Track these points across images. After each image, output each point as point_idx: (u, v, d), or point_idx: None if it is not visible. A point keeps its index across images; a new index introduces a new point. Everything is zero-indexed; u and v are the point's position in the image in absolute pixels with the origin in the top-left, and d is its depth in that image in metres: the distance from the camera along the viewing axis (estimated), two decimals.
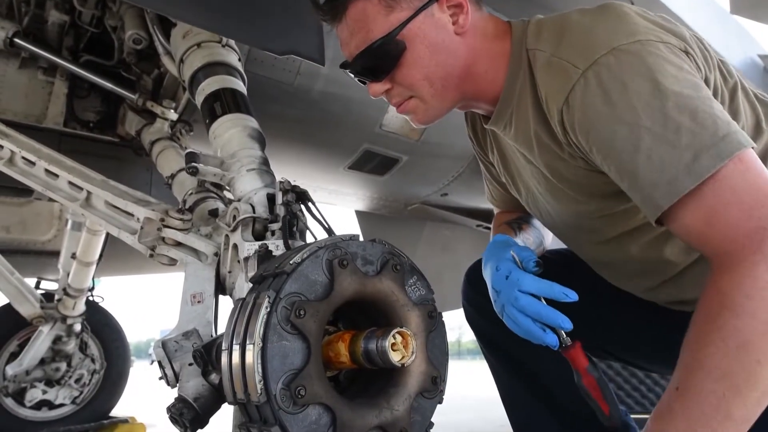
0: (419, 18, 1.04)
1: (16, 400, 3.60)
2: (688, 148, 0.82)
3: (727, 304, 0.75)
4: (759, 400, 0.73)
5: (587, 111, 0.91)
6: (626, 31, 0.91)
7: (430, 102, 1.11)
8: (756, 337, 0.72)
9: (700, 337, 0.77)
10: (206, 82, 1.73)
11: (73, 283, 3.47)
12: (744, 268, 0.76)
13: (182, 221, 1.43)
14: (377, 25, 1.05)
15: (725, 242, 0.80)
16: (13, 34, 2.51)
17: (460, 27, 1.07)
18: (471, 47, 1.09)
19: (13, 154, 1.92)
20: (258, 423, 0.86)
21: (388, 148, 3.22)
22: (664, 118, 0.84)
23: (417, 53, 1.05)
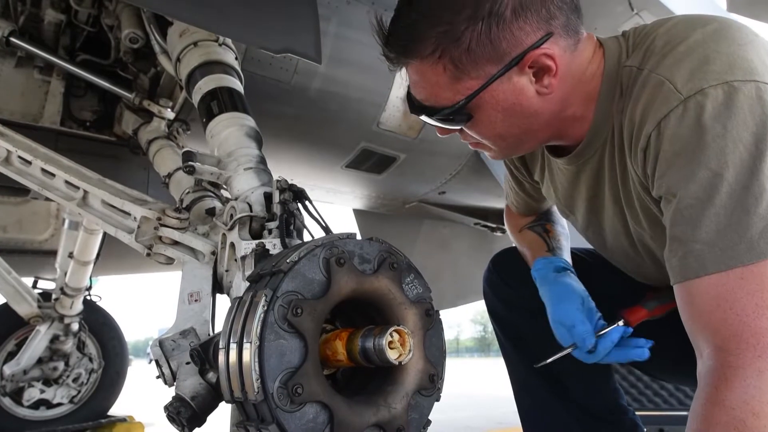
0: (492, 86, 0.92)
1: (13, 399, 3.60)
2: (762, 219, 0.77)
3: (735, 424, 0.72)
4: None
5: (676, 143, 0.83)
6: (744, 65, 0.81)
7: (502, 151, 1.07)
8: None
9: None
10: (203, 81, 1.73)
11: (70, 283, 3.47)
12: (749, 377, 0.73)
13: (179, 220, 1.43)
14: (441, 93, 0.95)
15: (728, 336, 0.77)
16: (9, 33, 2.50)
17: (545, 88, 0.94)
18: (560, 100, 0.97)
19: (10, 153, 1.92)
20: (255, 421, 0.86)
21: (385, 147, 3.22)
22: (750, 179, 0.78)
23: (488, 118, 0.97)
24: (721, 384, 0.75)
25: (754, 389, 0.72)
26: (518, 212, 1.50)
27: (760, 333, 0.74)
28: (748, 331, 0.75)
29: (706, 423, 0.75)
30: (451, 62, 0.90)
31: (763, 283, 0.77)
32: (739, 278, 0.77)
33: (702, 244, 0.80)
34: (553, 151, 1.16)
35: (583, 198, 1.16)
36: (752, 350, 0.74)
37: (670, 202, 0.86)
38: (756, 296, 0.76)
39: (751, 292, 0.77)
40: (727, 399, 0.74)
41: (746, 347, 0.74)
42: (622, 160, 1.00)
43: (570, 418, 1.31)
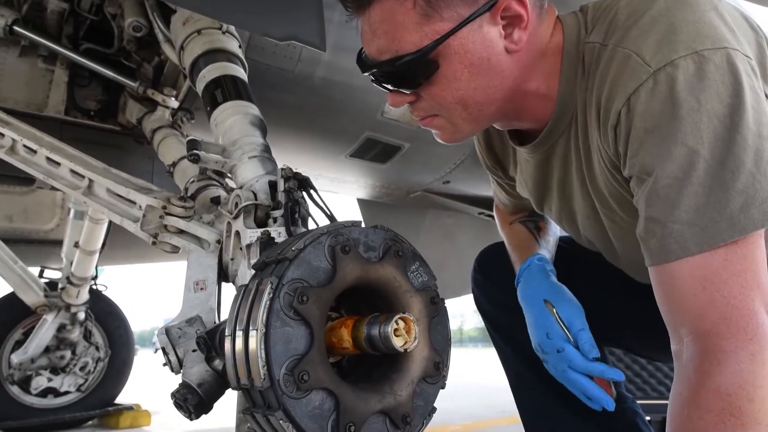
0: (462, 32, 0.85)
1: (21, 387, 3.64)
2: (740, 194, 0.74)
3: (731, 410, 0.70)
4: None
5: (648, 119, 0.79)
6: (712, 32, 0.78)
7: (460, 125, 0.98)
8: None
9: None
10: (207, 69, 1.73)
11: (76, 272, 3.49)
12: (742, 361, 0.71)
13: (184, 209, 1.43)
14: (407, 35, 0.87)
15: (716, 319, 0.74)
16: (13, 21, 2.49)
17: (514, 43, 0.89)
18: (524, 65, 0.92)
19: (15, 142, 1.92)
20: (262, 408, 0.87)
21: (389, 136, 3.21)
22: (726, 154, 0.75)
23: (452, 73, 0.89)
24: (713, 369, 0.73)
25: (748, 374, 0.70)
26: (507, 212, 1.48)
27: (749, 315, 0.73)
28: (737, 313, 0.73)
29: (699, 409, 0.73)
30: (428, 10, 0.85)
31: (748, 262, 0.75)
32: (723, 258, 0.75)
33: (681, 224, 0.77)
34: (517, 141, 1.11)
35: (553, 186, 1.11)
36: (743, 333, 0.72)
37: (644, 182, 0.82)
38: (742, 276, 0.74)
39: (736, 272, 0.75)
40: (722, 385, 0.71)
41: (737, 330, 0.72)
42: (586, 141, 0.95)
43: (567, 410, 1.31)
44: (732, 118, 0.75)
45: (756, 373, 0.70)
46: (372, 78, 0.95)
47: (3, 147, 1.93)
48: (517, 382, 1.40)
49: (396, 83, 0.94)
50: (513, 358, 1.39)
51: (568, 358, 1.08)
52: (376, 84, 0.97)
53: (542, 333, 1.12)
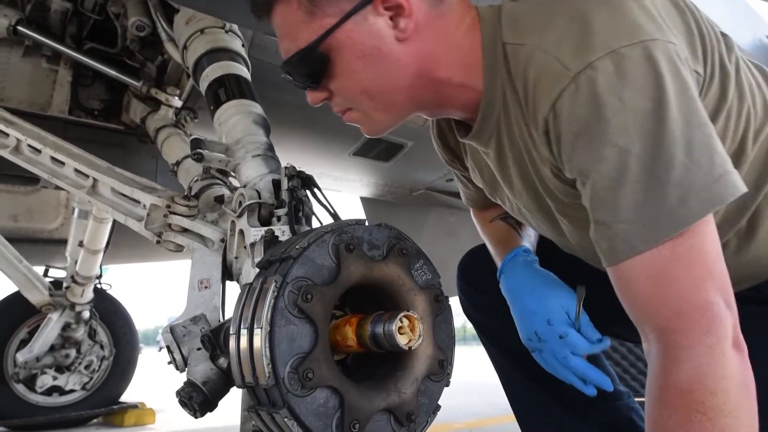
0: (347, 25, 0.88)
1: (27, 386, 3.66)
2: (676, 187, 0.74)
3: (695, 406, 0.70)
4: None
5: (574, 124, 0.79)
6: (628, 26, 0.78)
7: (374, 116, 1.00)
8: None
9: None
10: (210, 69, 1.73)
11: (80, 271, 3.50)
12: (700, 356, 0.71)
13: (188, 208, 1.44)
14: (300, 34, 0.92)
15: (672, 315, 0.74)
16: (17, 21, 2.50)
17: (402, 32, 0.90)
18: (423, 52, 0.92)
19: (19, 142, 1.93)
20: (267, 406, 0.87)
21: (393, 134, 3.21)
22: (657, 147, 0.75)
23: (347, 65, 0.92)
24: (673, 367, 0.73)
25: (707, 367, 0.70)
26: (478, 208, 1.45)
27: (702, 307, 0.72)
28: (691, 307, 0.73)
29: (667, 409, 0.73)
30: (310, 4, 0.89)
31: (696, 253, 0.74)
32: (671, 252, 0.75)
33: (625, 223, 0.77)
34: (463, 133, 1.11)
35: (499, 177, 1.11)
36: (698, 327, 0.72)
37: (585, 185, 0.82)
38: (692, 269, 0.74)
39: (686, 265, 0.74)
40: (683, 382, 0.71)
41: (692, 324, 0.72)
42: (516, 139, 0.95)
43: (560, 407, 1.29)
44: (657, 112, 0.75)
45: (715, 366, 0.70)
46: (287, 78, 0.99)
47: (7, 147, 1.94)
48: (509, 383, 1.39)
49: (301, 80, 0.97)
50: (502, 361, 1.38)
51: (572, 343, 1.06)
52: (293, 84, 1.00)
53: (542, 320, 1.10)
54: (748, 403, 0.71)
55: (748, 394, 0.71)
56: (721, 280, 0.75)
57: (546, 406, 1.31)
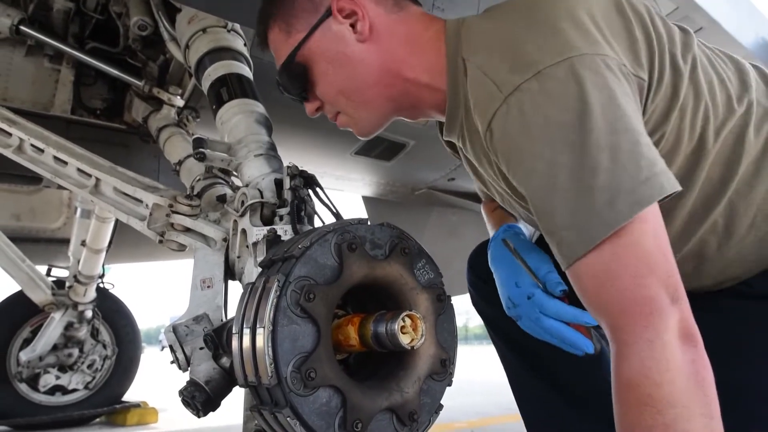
0: (316, 36, 1.03)
1: (30, 385, 3.67)
2: (604, 191, 0.76)
3: (644, 400, 0.72)
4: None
5: (507, 142, 0.86)
6: (554, 43, 0.82)
7: (355, 115, 1.10)
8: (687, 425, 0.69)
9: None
10: (212, 68, 1.73)
11: (83, 270, 3.51)
12: (642, 350, 0.73)
13: (191, 207, 1.44)
14: (282, 52, 1.08)
15: (616, 314, 0.76)
16: (19, 21, 2.50)
17: (361, 34, 1.02)
18: (385, 51, 1.02)
19: (22, 141, 1.93)
20: (269, 405, 0.87)
21: (395, 133, 3.21)
22: (582, 156, 0.78)
23: (321, 70, 1.05)
24: (621, 363, 0.75)
25: (649, 360, 0.72)
26: (485, 199, 1.48)
27: (642, 302, 0.74)
28: (633, 304, 0.74)
29: (622, 405, 0.75)
30: (283, 21, 1.07)
31: (636, 250, 0.76)
32: (611, 253, 0.76)
33: (565, 230, 0.80)
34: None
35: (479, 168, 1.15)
36: (639, 322, 0.73)
37: (525, 198, 0.87)
38: (632, 266, 0.75)
39: (625, 264, 0.76)
40: (630, 378, 0.73)
41: (633, 321, 0.74)
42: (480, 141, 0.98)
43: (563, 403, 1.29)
44: (581, 122, 0.78)
45: (657, 359, 0.71)
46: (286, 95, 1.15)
47: (10, 146, 1.94)
48: (513, 376, 1.40)
49: (292, 92, 1.12)
50: (509, 354, 1.38)
51: (539, 302, 1.06)
52: (291, 99, 1.15)
53: (511, 283, 1.11)
54: (698, 392, 0.71)
55: (699, 384, 0.71)
56: (664, 273, 0.75)
57: (549, 400, 1.31)
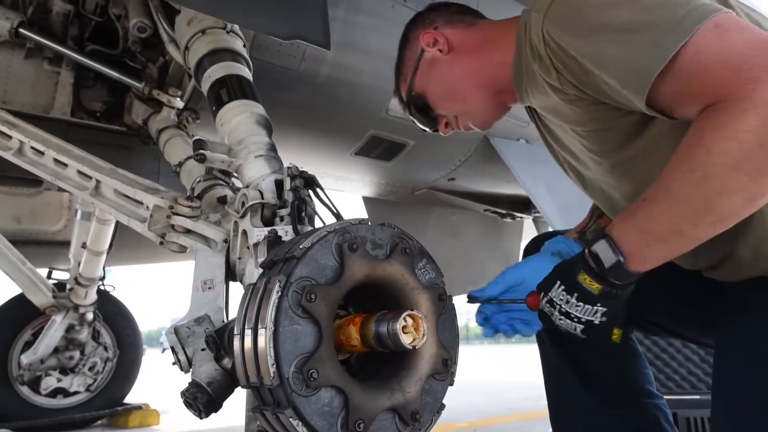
0: (420, 70, 1.28)
1: (31, 388, 3.66)
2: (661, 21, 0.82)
3: (704, 143, 0.77)
4: (713, 225, 0.80)
5: (564, 12, 0.93)
6: None
7: (467, 112, 1.27)
8: (723, 171, 0.75)
9: (674, 165, 0.81)
10: (212, 69, 1.73)
11: (84, 273, 3.51)
12: (730, 113, 0.75)
13: (191, 208, 1.44)
14: (405, 94, 1.34)
15: (714, 95, 0.78)
16: (18, 24, 2.51)
17: (447, 49, 1.24)
18: (465, 54, 1.23)
19: (22, 144, 1.93)
20: (271, 406, 0.87)
21: (394, 133, 3.21)
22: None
23: (432, 91, 1.28)
24: (704, 120, 0.79)
25: (732, 121, 0.75)
26: None
27: (745, 82, 0.75)
28: (732, 85, 0.76)
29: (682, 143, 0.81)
30: (401, 75, 1.35)
31: (714, 51, 0.78)
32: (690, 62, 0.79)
33: (628, 68, 0.84)
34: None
35: (550, 139, 1.25)
36: (737, 96, 0.75)
37: (589, 60, 0.89)
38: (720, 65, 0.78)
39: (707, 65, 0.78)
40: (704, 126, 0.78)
41: (731, 96, 0.76)
42: (539, 82, 1.05)
43: (588, 394, 1.32)
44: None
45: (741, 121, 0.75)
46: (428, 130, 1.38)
47: (11, 149, 1.94)
48: (546, 360, 1.42)
49: (426, 123, 1.34)
50: (551, 348, 1.40)
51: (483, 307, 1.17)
52: (433, 131, 1.36)
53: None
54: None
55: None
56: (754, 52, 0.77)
57: (576, 388, 1.34)
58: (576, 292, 0.92)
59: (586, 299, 0.91)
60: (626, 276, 0.88)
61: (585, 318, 0.91)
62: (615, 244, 0.87)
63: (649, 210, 0.84)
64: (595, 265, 0.90)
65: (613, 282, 0.88)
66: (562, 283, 0.95)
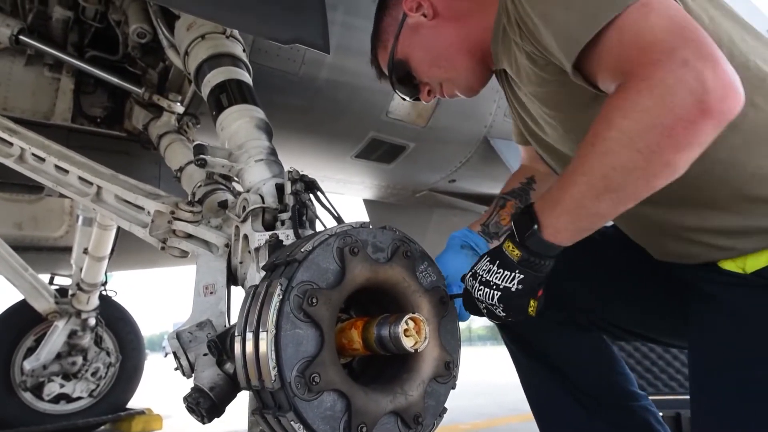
0: (402, 36, 1.26)
1: (34, 394, 3.66)
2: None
3: (607, 119, 0.80)
4: (612, 202, 0.82)
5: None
6: None
7: (452, 78, 1.26)
8: (617, 147, 0.78)
9: (585, 139, 0.84)
10: (212, 74, 1.73)
11: (86, 278, 3.51)
12: (630, 92, 0.79)
13: (192, 213, 1.44)
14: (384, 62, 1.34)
15: (622, 73, 0.81)
16: (19, 31, 2.51)
17: (432, 14, 1.23)
18: (450, 18, 1.22)
19: (23, 150, 1.93)
20: (273, 409, 0.87)
21: (394, 136, 3.21)
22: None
23: (415, 56, 1.27)
24: (609, 99, 0.82)
25: (628, 101, 0.79)
26: (518, 143, 1.51)
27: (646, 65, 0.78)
28: (635, 66, 0.79)
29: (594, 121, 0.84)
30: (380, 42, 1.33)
31: (635, 29, 0.81)
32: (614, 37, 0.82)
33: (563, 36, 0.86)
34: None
35: (515, 104, 1.24)
36: (636, 77, 0.78)
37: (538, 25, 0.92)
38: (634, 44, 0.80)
39: (626, 43, 0.81)
40: (608, 105, 0.81)
41: (631, 77, 0.79)
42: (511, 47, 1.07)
43: (578, 407, 1.31)
44: None
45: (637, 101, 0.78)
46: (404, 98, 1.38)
47: (12, 156, 1.95)
48: (525, 377, 1.41)
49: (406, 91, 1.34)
50: (521, 355, 1.39)
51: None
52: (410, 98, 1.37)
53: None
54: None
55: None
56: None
57: (560, 400, 1.33)
58: (498, 259, 0.96)
59: (506, 266, 0.94)
60: (543, 245, 0.90)
61: (503, 285, 0.94)
62: (534, 213, 0.90)
63: (562, 182, 0.88)
64: (516, 233, 0.94)
65: (531, 250, 0.91)
66: (488, 255, 1.00)
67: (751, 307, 0.95)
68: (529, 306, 0.95)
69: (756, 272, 0.95)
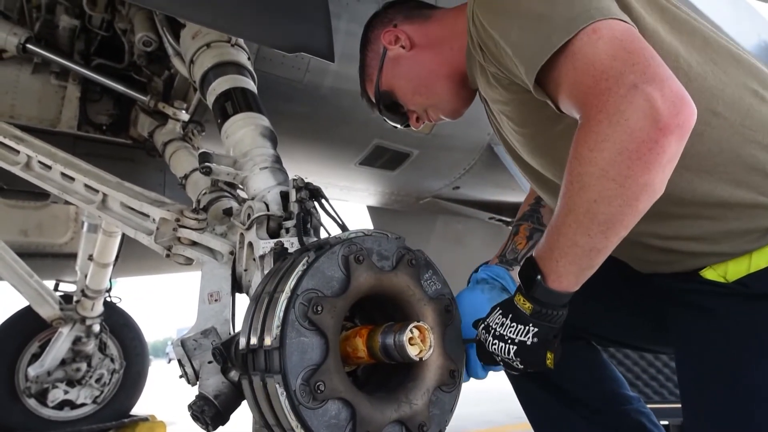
0: (385, 68, 1.31)
1: (38, 400, 3.66)
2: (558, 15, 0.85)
3: (576, 156, 0.82)
4: (603, 234, 0.82)
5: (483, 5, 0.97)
6: None
7: (435, 104, 1.29)
8: (593, 181, 0.80)
9: (565, 179, 0.85)
10: (217, 82, 1.74)
11: (90, 285, 3.51)
12: (590, 126, 0.80)
13: (197, 221, 1.45)
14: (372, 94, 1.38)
15: (579, 103, 0.83)
16: (26, 39, 2.53)
17: (409, 45, 1.28)
18: (426, 47, 1.26)
19: (30, 158, 1.95)
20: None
21: (398, 143, 3.22)
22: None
23: (399, 86, 1.31)
24: (575, 135, 0.83)
25: (591, 133, 0.80)
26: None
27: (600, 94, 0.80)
28: (591, 97, 0.81)
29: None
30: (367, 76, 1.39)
31: (585, 56, 0.82)
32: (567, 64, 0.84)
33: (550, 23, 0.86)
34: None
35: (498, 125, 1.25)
36: (594, 108, 0.80)
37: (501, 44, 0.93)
38: (587, 72, 0.82)
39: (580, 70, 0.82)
40: (575, 141, 0.83)
41: (589, 109, 0.81)
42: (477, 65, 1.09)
43: (569, 411, 1.31)
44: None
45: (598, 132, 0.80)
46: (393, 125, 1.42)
47: (18, 163, 1.96)
48: (520, 390, 1.41)
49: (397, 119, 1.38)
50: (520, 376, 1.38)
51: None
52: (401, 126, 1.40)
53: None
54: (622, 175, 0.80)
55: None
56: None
57: (555, 410, 1.33)
58: (511, 312, 0.94)
59: (519, 319, 0.92)
60: (550, 294, 0.89)
61: (518, 339, 0.92)
62: (535, 262, 0.90)
63: (552, 226, 0.88)
64: (523, 285, 0.93)
65: (541, 301, 0.90)
66: (500, 307, 0.98)
67: (735, 315, 0.96)
68: (547, 358, 0.93)
69: (738, 281, 0.96)
